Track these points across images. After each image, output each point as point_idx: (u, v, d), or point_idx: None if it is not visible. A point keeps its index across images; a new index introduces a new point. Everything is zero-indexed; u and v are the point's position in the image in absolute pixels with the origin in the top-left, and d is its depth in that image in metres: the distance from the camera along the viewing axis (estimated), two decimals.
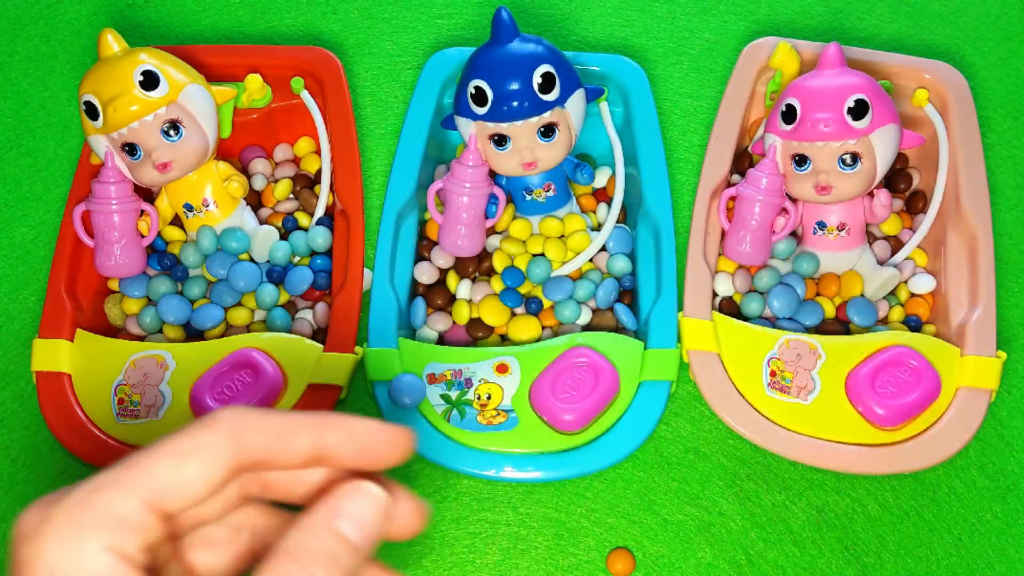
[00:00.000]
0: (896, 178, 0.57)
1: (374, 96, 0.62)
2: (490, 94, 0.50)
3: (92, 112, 0.50)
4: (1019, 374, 0.53)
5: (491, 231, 0.56)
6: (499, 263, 0.54)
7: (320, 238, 0.55)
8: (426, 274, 0.55)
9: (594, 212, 0.57)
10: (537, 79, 0.50)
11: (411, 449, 0.24)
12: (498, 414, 0.49)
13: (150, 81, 0.50)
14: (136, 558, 0.21)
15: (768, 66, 0.58)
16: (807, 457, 0.49)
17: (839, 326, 0.53)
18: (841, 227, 0.53)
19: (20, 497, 0.50)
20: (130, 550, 0.20)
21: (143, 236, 0.53)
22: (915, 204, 0.57)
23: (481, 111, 0.51)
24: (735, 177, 0.57)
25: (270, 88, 0.56)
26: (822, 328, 0.53)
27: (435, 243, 0.55)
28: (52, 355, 0.51)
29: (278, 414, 0.23)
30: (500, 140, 0.51)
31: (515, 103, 0.50)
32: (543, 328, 0.53)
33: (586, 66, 0.58)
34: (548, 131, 0.51)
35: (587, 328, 0.53)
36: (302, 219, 0.56)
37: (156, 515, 0.21)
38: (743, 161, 0.57)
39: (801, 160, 0.51)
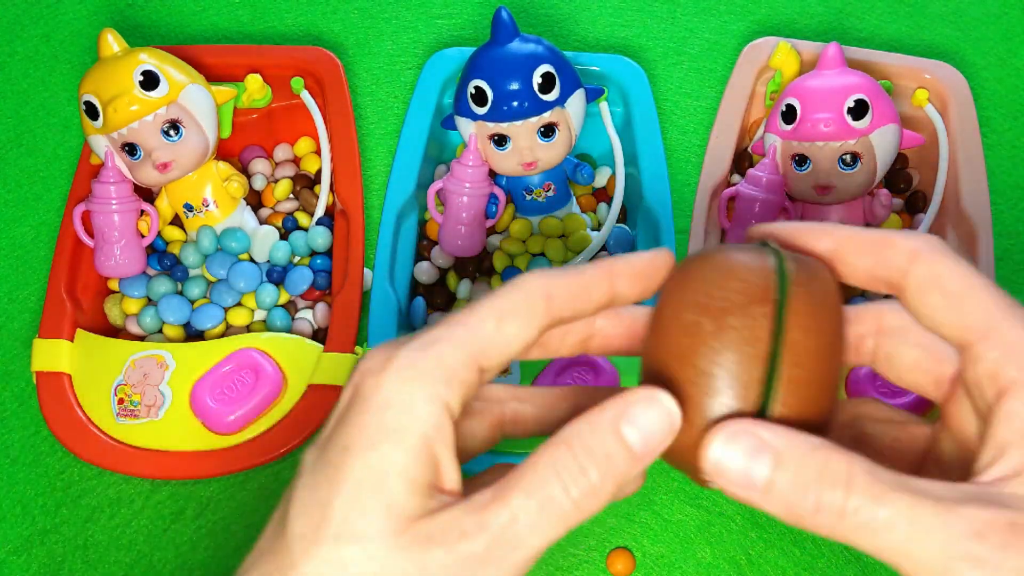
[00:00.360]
0: (896, 178, 0.57)
1: (374, 96, 0.62)
2: (490, 94, 0.50)
3: (92, 112, 0.50)
4: None
5: (491, 231, 0.56)
6: (499, 263, 0.54)
7: (320, 238, 0.55)
8: (426, 274, 0.55)
9: (594, 212, 0.57)
10: (537, 79, 0.50)
11: (674, 262, 0.26)
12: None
13: (150, 81, 0.50)
14: (454, 410, 0.22)
15: (768, 66, 0.58)
16: None
17: None
18: None
19: (20, 497, 0.50)
20: (451, 401, 0.22)
21: (143, 236, 0.53)
22: (915, 204, 0.57)
23: (481, 111, 0.51)
24: (735, 177, 0.57)
25: (270, 88, 0.56)
26: None
27: (435, 243, 0.55)
28: (52, 355, 0.51)
29: (575, 271, 0.24)
30: (500, 140, 0.51)
31: (515, 103, 0.50)
32: None
33: (586, 66, 0.58)
34: (548, 131, 0.51)
35: None
36: (302, 219, 0.56)
37: (476, 371, 0.23)
38: (743, 161, 0.57)
39: (801, 160, 0.51)
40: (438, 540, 0.21)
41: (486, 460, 0.31)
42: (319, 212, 0.56)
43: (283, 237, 0.56)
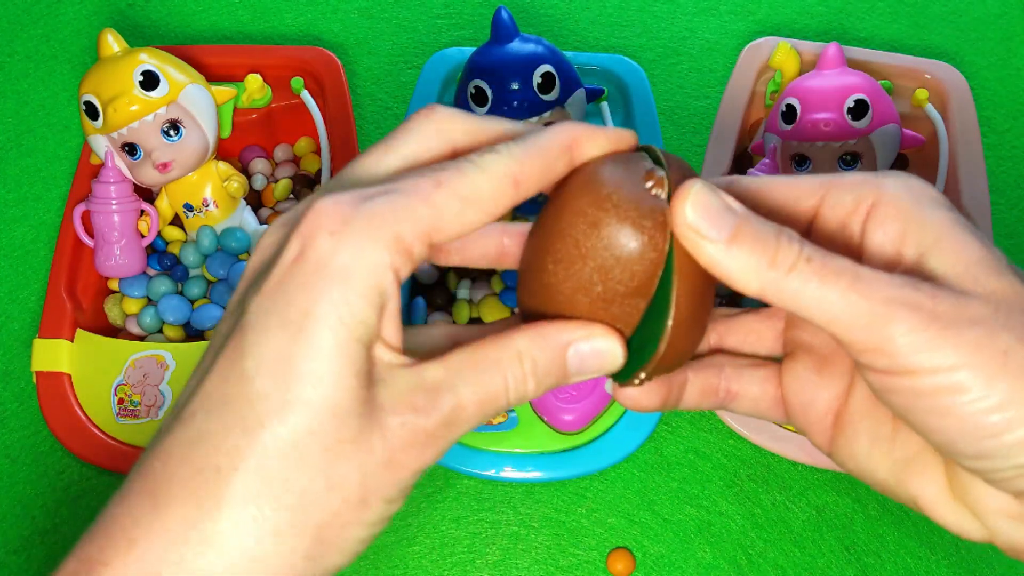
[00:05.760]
0: None
1: (374, 96, 0.62)
2: (490, 94, 0.50)
3: (92, 112, 0.50)
4: None
5: None
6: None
7: None
8: (426, 274, 0.55)
9: None
10: (537, 79, 0.50)
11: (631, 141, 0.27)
12: (498, 414, 0.49)
13: (150, 81, 0.50)
14: (402, 278, 0.23)
15: (768, 66, 0.58)
16: (807, 457, 0.49)
17: None
18: None
19: (20, 497, 0.50)
20: (402, 272, 0.23)
21: (143, 236, 0.53)
22: None
23: (481, 111, 0.51)
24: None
25: (270, 88, 0.56)
26: None
27: None
28: (52, 355, 0.51)
29: (536, 148, 0.25)
30: None
31: (515, 103, 0.50)
32: None
33: (586, 66, 0.58)
34: None
35: None
36: None
37: (427, 246, 0.23)
38: (743, 161, 0.57)
39: (801, 160, 0.51)
40: (392, 410, 0.23)
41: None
42: None
43: None
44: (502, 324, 0.28)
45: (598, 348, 0.25)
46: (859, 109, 0.49)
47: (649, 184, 0.24)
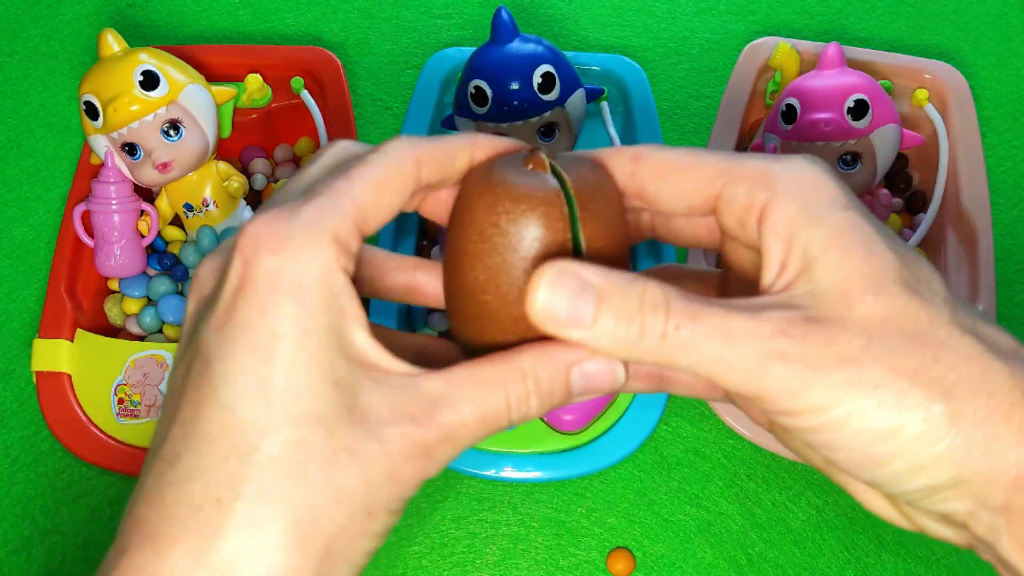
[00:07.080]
0: (896, 178, 0.57)
1: (374, 96, 0.62)
2: (490, 94, 0.50)
3: (92, 112, 0.50)
4: None
5: None
6: None
7: None
8: None
9: None
10: (537, 79, 0.50)
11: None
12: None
13: (150, 81, 0.50)
14: (347, 268, 0.24)
15: (768, 66, 0.58)
16: None
17: None
18: None
19: (20, 497, 0.50)
20: (349, 268, 0.24)
21: (143, 236, 0.53)
22: (915, 204, 0.57)
23: (481, 111, 0.51)
24: None
25: (270, 88, 0.56)
26: None
27: (435, 243, 0.55)
28: (52, 355, 0.51)
29: (441, 141, 0.26)
30: None
31: (515, 103, 0.50)
32: None
33: (586, 66, 0.58)
34: (548, 131, 0.51)
35: None
36: None
37: (360, 238, 0.24)
38: None
39: None
40: (390, 420, 0.23)
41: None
42: None
43: None
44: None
45: (603, 367, 0.25)
46: (859, 109, 0.49)
47: (530, 167, 0.25)
